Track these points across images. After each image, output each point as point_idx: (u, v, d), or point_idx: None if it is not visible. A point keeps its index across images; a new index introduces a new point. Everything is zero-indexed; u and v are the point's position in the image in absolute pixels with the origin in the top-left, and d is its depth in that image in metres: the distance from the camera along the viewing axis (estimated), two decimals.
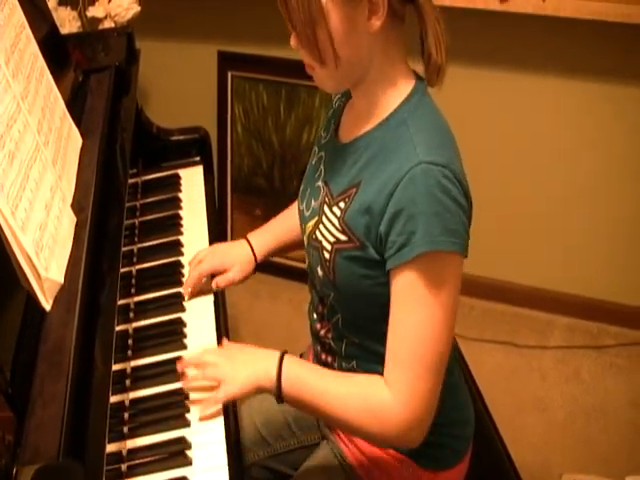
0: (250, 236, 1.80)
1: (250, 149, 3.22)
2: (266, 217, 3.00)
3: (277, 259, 3.09)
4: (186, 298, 1.74)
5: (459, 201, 1.28)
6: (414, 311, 1.30)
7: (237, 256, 1.76)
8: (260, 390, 1.43)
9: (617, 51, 2.61)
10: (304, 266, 1.59)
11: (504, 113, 2.87)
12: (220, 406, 1.47)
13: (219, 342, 1.63)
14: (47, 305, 1.28)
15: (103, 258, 1.49)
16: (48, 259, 1.30)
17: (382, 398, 1.35)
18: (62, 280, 1.32)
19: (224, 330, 1.69)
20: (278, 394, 1.41)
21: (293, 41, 1.33)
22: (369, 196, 1.33)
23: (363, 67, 1.34)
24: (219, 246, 1.83)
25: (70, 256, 1.39)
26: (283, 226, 1.80)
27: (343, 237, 1.39)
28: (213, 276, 1.76)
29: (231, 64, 3.14)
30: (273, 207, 3.24)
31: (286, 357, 1.43)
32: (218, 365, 1.46)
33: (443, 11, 1.34)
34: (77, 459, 1.09)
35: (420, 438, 1.38)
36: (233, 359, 1.47)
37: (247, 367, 1.44)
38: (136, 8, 2.73)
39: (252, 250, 1.77)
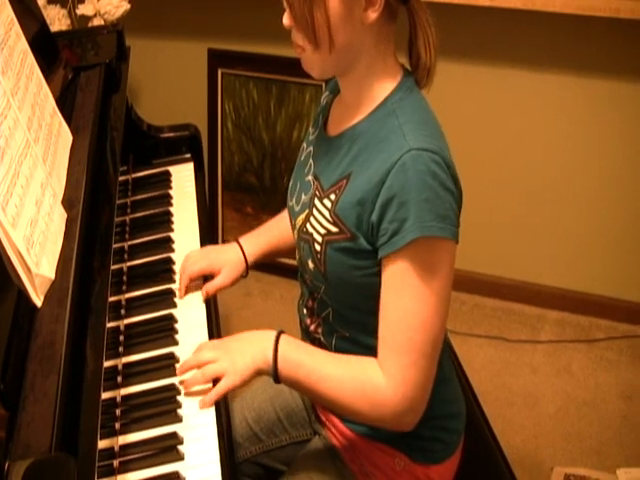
0: (242, 239, 1.79)
1: (240, 146, 3.23)
2: (256, 214, 3.01)
3: None
4: (179, 298, 1.74)
5: (449, 187, 1.29)
6: (407, 297, 1.31)
7: (226, 259, 1.75)
8: (259, 373, 1.43)
9: (606, 46, 2.62)
10: (295, 263, 1.59)
11: (493, 109, 2.88)
12: (220, 396, 1.46)
13: (210, 338, 1.63)
14: (38, 301, 1.28)
15: (94, 255, 1.49)
16: (39, 255, 1.30)
17: (377, 383, 1.36)
18: (53, 276, 1.32)
19: (215, 326, 1.69)
20: (275, 376, 1.42)
21: (286, 19, 1.33)
22: (360, 187, 1.34)
23: (352, 57, 1.35)
24: (210, 249, 1.83)
25: (61, 252, 1.39)
26: (275, 230, 1.79)
27: (334, 229, 1.39)
28: (205, 278, 1.76)
29: (221, 61, 3.14)
30: (263, 204, 3.25)
31: (282, 337, 1.44)
32: (216, 360, 1.45)
33: (432, 7, 1.35)
34: (69, 454, 1.09)
35: (414, 422, 1.40)
36: (229, 350, 1.47)
37: (244, 354, 1.44)
38: (126, 6, 2.73)
39: (243, 253, 1.76)
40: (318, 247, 1.43)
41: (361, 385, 1.38)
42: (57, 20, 2.70)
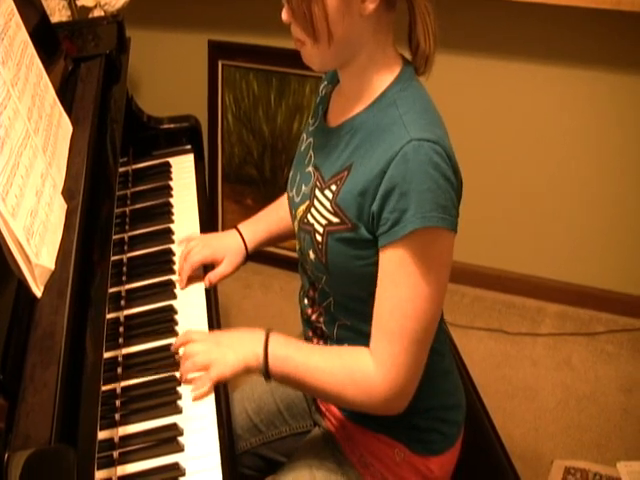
0: (241, 226, 1.80)
1: (241, 138, 3.22)
2: (256, 206, 3.00)
3: (268, 248, 3.10)
4: (179, 288, 1.74)
5: (449, 177, 1.30)
6: (403, 286, 1.32)
7: (227, 247, 1.76)
8: (248, 370, 1.45)
9: (607, 38, 2.61)
10: (295, 255, 1.59)
11: (493, 101, 2.87)
12: (210, 385, 1.47)
13: (210, 330, 1.63)
14: (38, 291, 1.28)
15: (94, 246, 1.49)
16: (39, 245, 1.30)
17: (366, 370, 1.37)
18: (53, 266, 1.32)
19: (215, 318, 1.69)
20: (265, 372, 1.43)
21: (285, 15, 1.33)
22: (361, 177, 1.34)
23: (352, 49, 1.35)
24: (210, 236, 1.83)
25: (61, 243, 1.39)
26: (274, 216, 1.80)
27: (335, 219, 1.39)
28: (205, 268, 1.76)
29: (221, 53, 3.14)
30: (263, 196, 3.24)
31: (272, 335, 1.45)
32: (207, 351, 1.47)
33: None
34: (69, 445, 1.09)
35: (402, 407, 1.41)
36: (220, 343, 1.48)
37: (235, 349, 1.45)
38: None
39: (243, 240, 1.77)
40: (319, 238, 1.43)
41: (350, 372, 1.39)
42: (57, 11, 2.69)
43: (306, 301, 1.60)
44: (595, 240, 2.98)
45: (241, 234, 1.78)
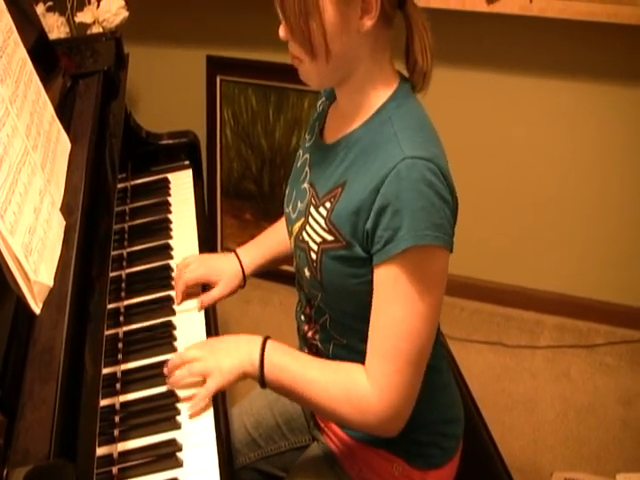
0: (239, 250, 1.79)
1: (239, 153, 3.23)
2: (255, 221, 3.01)
3: None
4: (176, 305, 1.74)
5: (444, 196, 1.29)
6: (397, 305, 1.31)
7: (224, 270, 1.76)
8: (245, 376, 1.44)
9: (604, 51, 2.62)
10: (294, 269, 1.59)
11: (490, 114, 2.88)
12: (208, 400, 1.47)
13: None
14: (37, 308, 1.28)
15: (93, 262, 1.49)
16: (37, 262, 1.30)
17: (362, 389, 1.36)
18: (51, 283, 1.32)
19: (214, 333, 1.68)
20: (261, 379, 1.43)
21: (282, 32, 1.33)
22: (355, 195, 1.34)
23: (350, 66, 1.35)
24: (208, 257, 1.83)
25: (60, 259, 1.39)
26: (272, 240, 1.79)
27: (329, 237, 1.39)
28: (204, 287, 1.76)
29: (220, 68, 3.14)
30: (262, 211, 3.25)
31: (269, 342, 1.44)
32: (202, 359, 1.46)
33: (430, 13, 1.36)
34: (68, 460, 1.09)
35: (399, 428, 1.40)
36: (215, 350, 1.48)
37: (230, 355, 1.45)
38: (124, 13, 2.73)
39: (240, 265, 1.77)
40: (314, 255, 1.43)
41: (346, 391, 1.38)
42: (56, 28, 2.70)
43: (302, 318, 1.60)
44: (593, 252, 2.98)
45: (239, 258, 1.77)
